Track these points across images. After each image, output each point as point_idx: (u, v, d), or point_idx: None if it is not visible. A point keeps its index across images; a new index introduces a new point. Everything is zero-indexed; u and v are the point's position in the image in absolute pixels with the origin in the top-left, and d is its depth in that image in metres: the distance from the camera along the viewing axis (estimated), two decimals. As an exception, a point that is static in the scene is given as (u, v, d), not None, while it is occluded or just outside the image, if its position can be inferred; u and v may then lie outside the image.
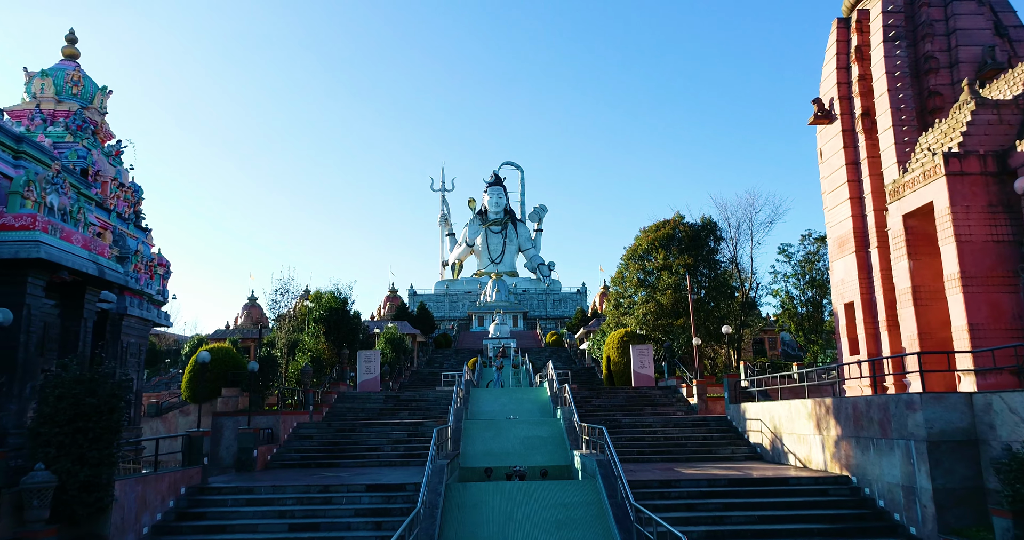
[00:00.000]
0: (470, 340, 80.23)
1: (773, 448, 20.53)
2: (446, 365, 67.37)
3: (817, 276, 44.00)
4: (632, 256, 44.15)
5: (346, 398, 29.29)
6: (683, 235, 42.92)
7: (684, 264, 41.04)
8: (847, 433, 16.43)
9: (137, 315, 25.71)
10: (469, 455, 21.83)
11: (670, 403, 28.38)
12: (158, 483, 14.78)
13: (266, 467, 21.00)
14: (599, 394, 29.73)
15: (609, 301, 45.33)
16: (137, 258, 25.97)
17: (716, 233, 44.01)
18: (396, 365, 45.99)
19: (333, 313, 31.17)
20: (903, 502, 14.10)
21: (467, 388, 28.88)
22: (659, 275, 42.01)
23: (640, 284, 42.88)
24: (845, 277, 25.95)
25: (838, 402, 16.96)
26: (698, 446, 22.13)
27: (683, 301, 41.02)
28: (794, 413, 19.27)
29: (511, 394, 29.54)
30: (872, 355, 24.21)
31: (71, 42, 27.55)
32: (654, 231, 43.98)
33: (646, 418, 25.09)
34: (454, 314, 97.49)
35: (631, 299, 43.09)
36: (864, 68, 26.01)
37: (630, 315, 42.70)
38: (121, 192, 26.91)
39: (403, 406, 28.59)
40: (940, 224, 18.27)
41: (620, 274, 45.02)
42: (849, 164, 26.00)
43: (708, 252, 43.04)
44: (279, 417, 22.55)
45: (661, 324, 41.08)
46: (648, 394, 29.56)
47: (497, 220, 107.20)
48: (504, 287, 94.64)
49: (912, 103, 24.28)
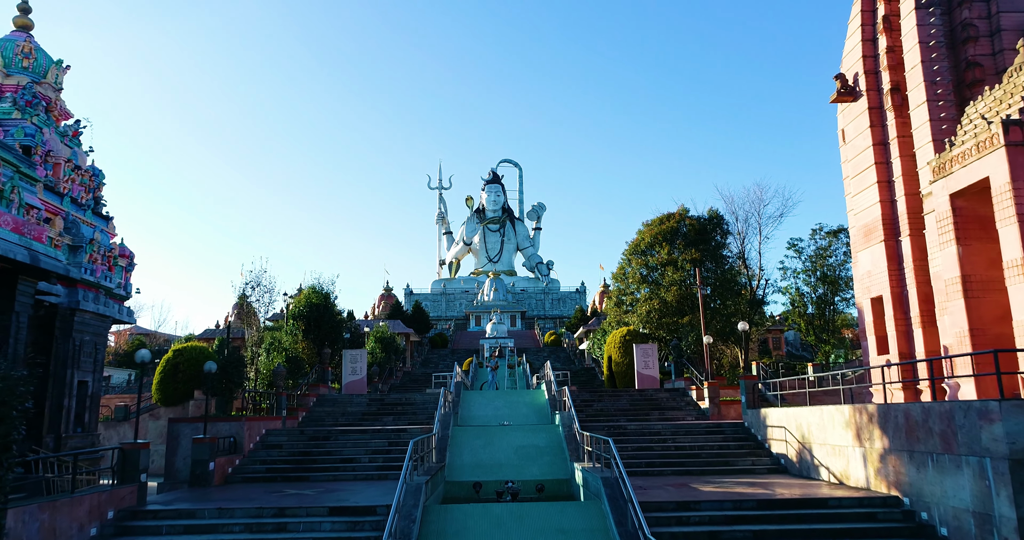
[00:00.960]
0: (467, 340, 77.62)
1: (800, 460, 17.89)
2: (441, 365, 64.67)
3: (828, 272, 41.34)
4: (635, 251, 41.52)
5: (326, 401, 26.64)
6: (689, 229, 40.30)
7: (690, 259, 38.43)
8: (897, 446, 13.80)
9: (92, 310, 23.04)
10: (456, 467, 19.19)
11: (679, 407, 25.74)
12: (74, 508, 12.12)
13: (225, 481, 18.35)
14: (601, 397, 27.09)
15: (610, 299, 42.69)
16: (93, 247, 23.32)
17: (723, 227, 41.41)
18: (386, 365, 43.36)
19: (313, 309, 28.53)
20: (975, 532, 11.47)
21: (457, 390, 26.25)
22: (663, 271, 39.40)
23: (643, 280, 40.25)
24: (872, 269, 23.34)
25: (885, 409, 14.33)
26: (713, 456, 19.50)
27: (689, 298, 38.44)
28: (827, 421, 16.64)
29: (506, 397, 26.93)
30: (904, 355, 21.61)
31: (24, 12, 24.93)
32: (658, 225, 41.37)
33: (653, 424, 22.45)
34: (451, 313, 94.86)
35: (633, 296, 40.45)
36: (893, 39, 23.41)
37: (632, 313, 40.08)
38: (77, 175, 24.24)
39: (387, 410, 25.94)
40: (998, 202, 15.64)
41: (622, 270, 42.38)
42: (877, 145, 23.38)
43: (715, 247, 40.41)
44: (244, 424, 19.88)
45: (666, 322, 38.47)
46: (654, 397, 26.92)
47: (495, 218, 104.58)
48: (502, 286, 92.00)
49: (948, 75, 21.67)
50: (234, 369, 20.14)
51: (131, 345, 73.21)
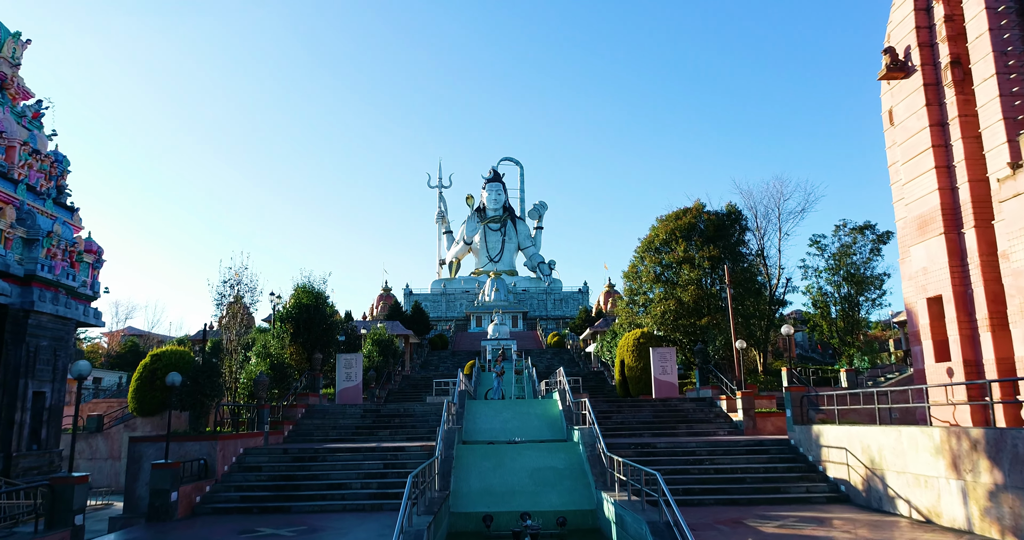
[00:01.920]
0: (468, 341, 74.84)
1: (868, 489, 15.05)
2: (442, 368, 61.81)
3: (853, 270, 38.52)
4: (648, 248, 38.68)
5: (315, 413, 23.78)
6: (706, 225, 37.50)
7: (708, 256, 35.64)
8: (1016, 482, 10.98)
9: (50, 312, 20.19)
10: (463, 495, 16.33)
11: (707, 419, 22.91)
12: (-26, 569, 9.28)
13: (192, 513, 15.47)
14: (620, 408, 24.24)
15: (622, 299, 39.82)
16: (52, 241, 20.47)
17: (741, 223, 38.64)
18: (384, 369, 40.47)
19: (303, 310, 25.66)
20: None
21: (461, 400, 23.40)
22: (679, 269, 36.59)
23: (657, 279, 37.43)
24: (928, 265, 20.49)
25: (996, 435, 11.49)
26: (760, 481, 16.65)
27: (707, 298, 35.66)
28: (907, 444, 13.81)
29: (514, 407, 24.08)
30: (969, 362, 18.74)
31: (-22, -21, 22.16)
32: (673, 220, 38.56)
33: (684, 440, 19.59)
34: (451, 314, 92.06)
35: (647, 296, 37.59)
36: (952, 7, 20.57)
37: (646, 314, 37.25)
38: (35, 161, 21.37)
39: (384, 423, 23.09)
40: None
41: (634, 268, 39.53)
42: (934, 126, 20.52)
43: (735, 243, 37.61)
44: (217, 443, 17.00)
45: (682, 324, 35.67)
46: (679, 408, 24.08)
47: (496, 217, 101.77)
48: (503, 286, 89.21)
49: (1020, 45, 18.86)
50: (207, 379, 17.28)
51: (124, 346, 70.26)
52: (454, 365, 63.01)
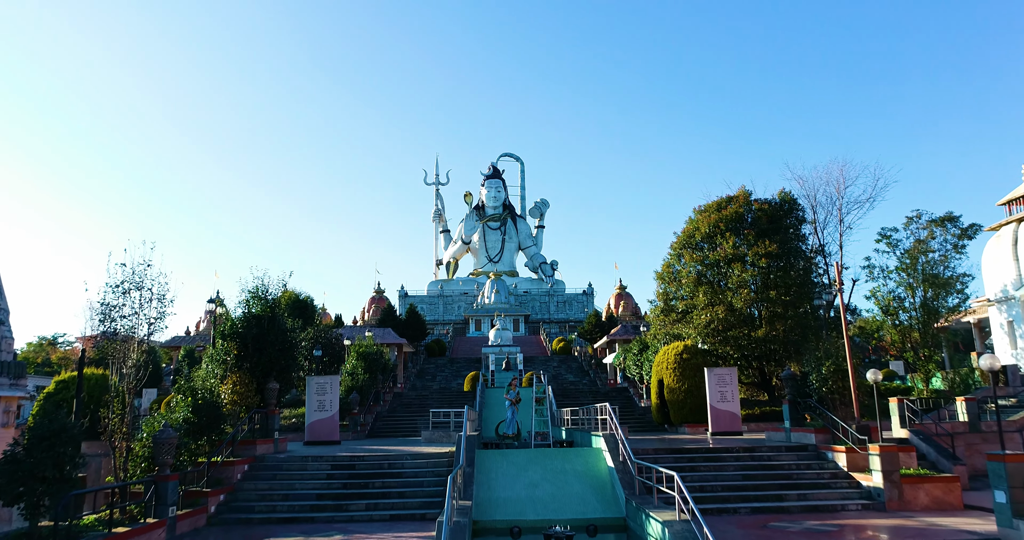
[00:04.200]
0: (467, 346, 67.64)
1: None
2: (439, 378, 54.42)
3: (931, 270, 31.33)
4: (687, 244, 31.50)
5: (264, 469, 16.49)
6: (758, 215, 30.40)
7: (765, 253, 28.54)
8: None
9: None
10: None
11: (822, 481, 15.69)
12: None
13: None
14: (693, 462, 16.96)
15: (657, 305, 32.62)
16: None
17: (797, 213, 31.55)
18: (371, 388, 33.19)
19: (253, 324, 18.42)
20: None
21: (469, 453, 16.13)
22: (727, 268, 29.48)
23: (700, 280, 30.26)
24: None
25: None
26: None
27: (765, 303, 28.57)
28: None
29: (543, 462, 16.86)
30: None
31: None
32: (715, 210, 31.41)
33: (812, 525, 12.39)
34: (449, 317, 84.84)
35: (688, 301, 30.37)
36: None
37: (686, 322, 30.13)
38: None
39: (360, 485, 15.81)
40: None
41: (668, 268, 32.37)
42: None
43: (794, 237, 30.54)
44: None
45: (733, 335, 28.59)
46: (776, 463, 16.80)
47: (495, 215, 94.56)
48: (503, 288, 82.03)
49: None
50: (47, 452, 9.96)
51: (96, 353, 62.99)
52: (453, 374, 55.65)
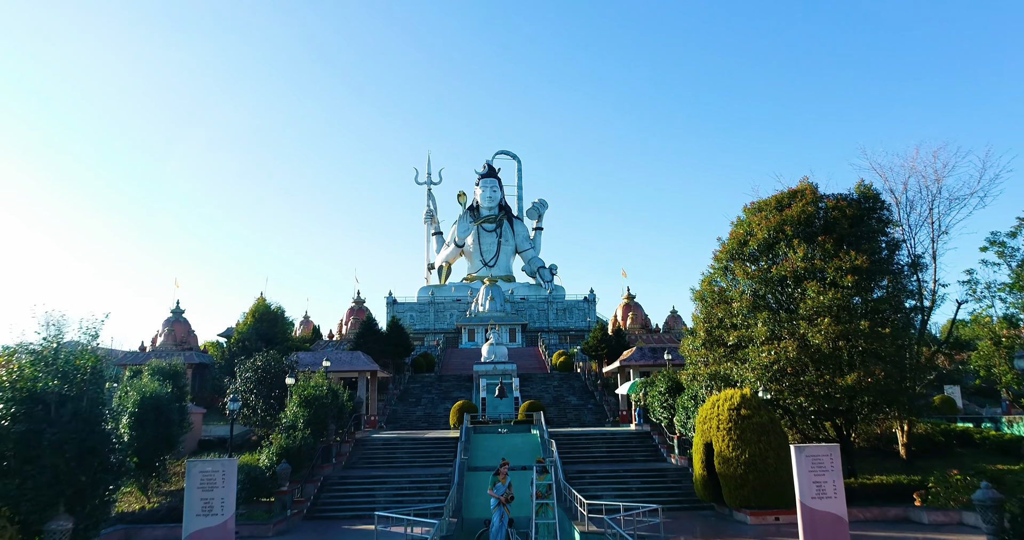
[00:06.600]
0: (458, 360, 59.43)
1: None
2: (424, 400, 46.04)
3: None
4: (737, 253, 23.12)
5: None
6: (834, 216, 22.08)
7: (851, 268, 20.26)
8: None
9: None
10: None
11: None
12: None
13: None
14: None
15: (695, 335, 24.25)
16: None
17: (880, 214, 23.33)
18: (319, 443, 24.76)
19: (18, 414, 9.98)
20: None
21: None
22: (797, 288, 21.21)
23: (757, 304, 21.92)
24: None
25: None
26: None
27: (855, 335, 20.25)
28: None
29: None
30: None
31: None
32: (774, 209, 23.07)
33: None
34: (440, 326, 76.55)
35: (741, 331, 21.94)
36: None
37: (741, 360, 21.79)
38: None
39: None
40: None
41: (711, 285, 23.95)
42: None
43: (887, 246, 22.27)
44: None
45: (808, 381, 20.32)
46: None
47: (491, 217, 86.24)
48: (499, 294, 73.74)
49: None
50: None
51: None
52: (440, 396, 47.27)
